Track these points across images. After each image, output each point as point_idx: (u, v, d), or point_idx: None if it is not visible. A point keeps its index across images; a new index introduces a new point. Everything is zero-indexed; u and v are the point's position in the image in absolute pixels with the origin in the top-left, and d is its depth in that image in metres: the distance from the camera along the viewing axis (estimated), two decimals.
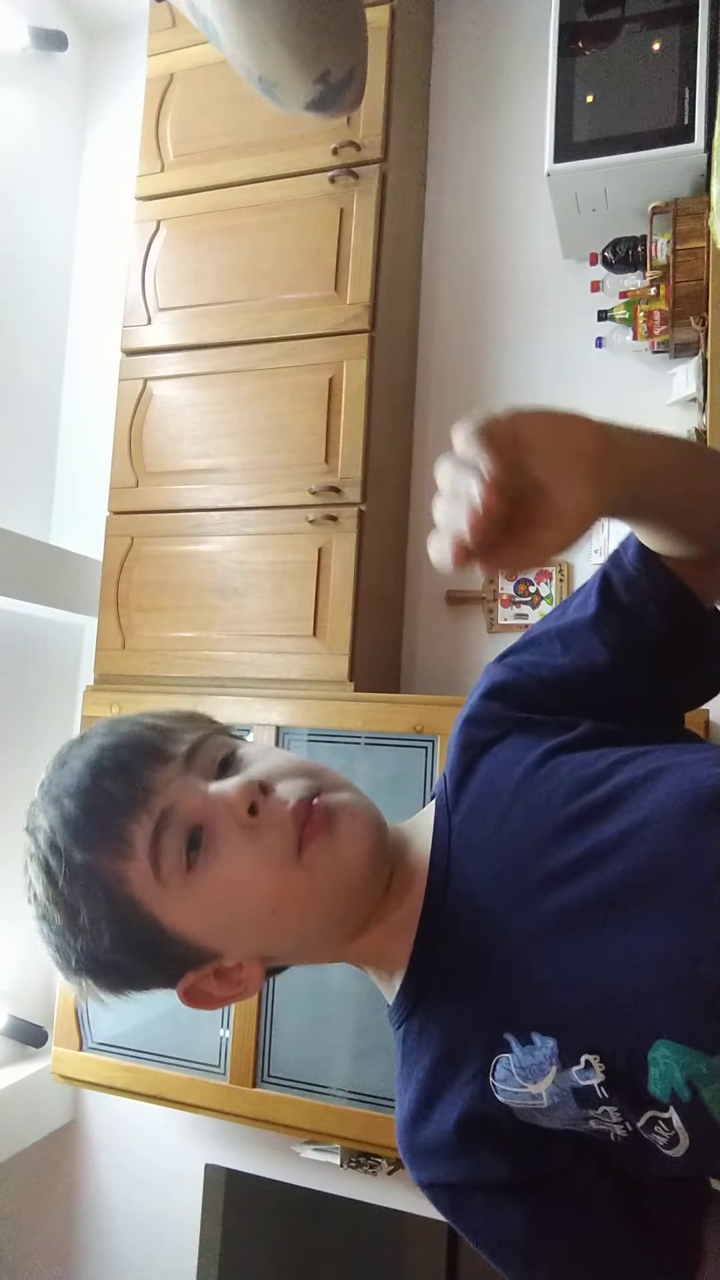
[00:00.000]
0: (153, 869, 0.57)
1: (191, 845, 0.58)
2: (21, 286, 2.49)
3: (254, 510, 1.95)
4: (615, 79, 1.86)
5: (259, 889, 0.58)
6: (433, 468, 1.88)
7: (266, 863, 0.58)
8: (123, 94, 2.61)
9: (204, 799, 0.59)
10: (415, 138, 2.23)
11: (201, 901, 0.59)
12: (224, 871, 0.58)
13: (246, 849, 0.58)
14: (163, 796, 0.58)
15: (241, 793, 0.58)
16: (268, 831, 0.58)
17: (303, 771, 0.62)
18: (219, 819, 0.58)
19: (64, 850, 0.58)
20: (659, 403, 2.01)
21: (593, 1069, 0.53)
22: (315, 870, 0.58)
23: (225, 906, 0.59)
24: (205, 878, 0.58)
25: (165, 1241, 2.22)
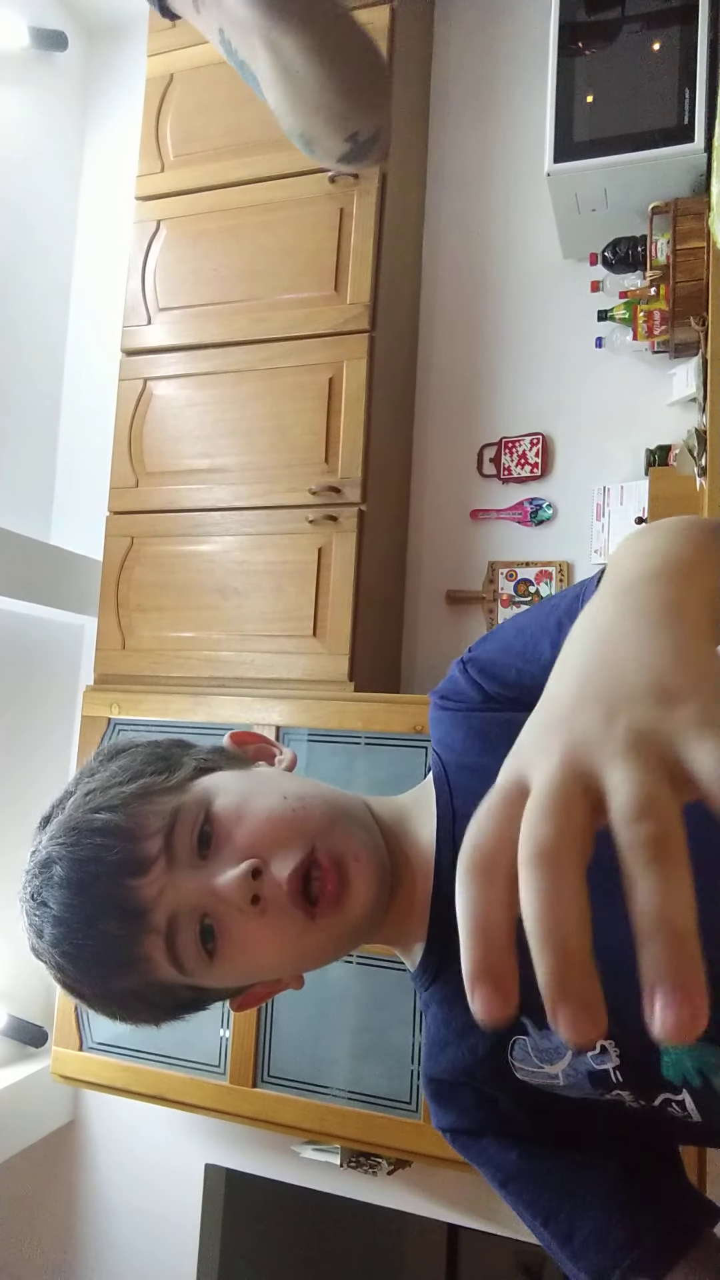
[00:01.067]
0: (178, 970, 0.59)
1: (205, 937, 0.59)
2: (21, 286, 2.49)
3: (254, 510, 1.95)
4: (615, 79, 1.85)
5: (280, 960, 0.61)
6: (433, 468, 1.87)
7: (282, 939, 0.59)
8: (123, 94, 2.61)
9: (200, 891, 0.59)
10: (415, 138, 2.23)
11: (232, 973, 0.61)
12: (245, 952, 0.59)
13: (259, 933, 0.59)
14: (161, 908, 0.58)
15: (238, 891, 0.57)
16: (275, 913, 0.58)
17: (287, 829, 0.60)
18: (224, 912, 0.58)
19: (88, 989, 0.61)
20: (659, 403, 2.01)
21: (608, 1054, 0.55)
22: (330, 927, 0.60)
23: (255, 972, 0.63)
24: (228, 961, 0.60)
25: (165, 1241, 2.22)
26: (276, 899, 0.58)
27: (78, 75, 2.68)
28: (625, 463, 2.04)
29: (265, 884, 0.58)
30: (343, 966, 1.77)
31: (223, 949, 0.59)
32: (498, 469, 2.14)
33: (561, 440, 2.12)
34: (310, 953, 0.61)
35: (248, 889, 0.57)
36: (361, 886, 0.60)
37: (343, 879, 0.59)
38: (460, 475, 2.19)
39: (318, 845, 0.59)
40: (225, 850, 0.59)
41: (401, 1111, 1.69)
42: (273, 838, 0.59)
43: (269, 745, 0.73)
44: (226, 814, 0.60)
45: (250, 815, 0.60)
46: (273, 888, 0.58)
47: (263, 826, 0.60)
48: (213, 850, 0.60)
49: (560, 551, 2.08)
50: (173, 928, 0.58)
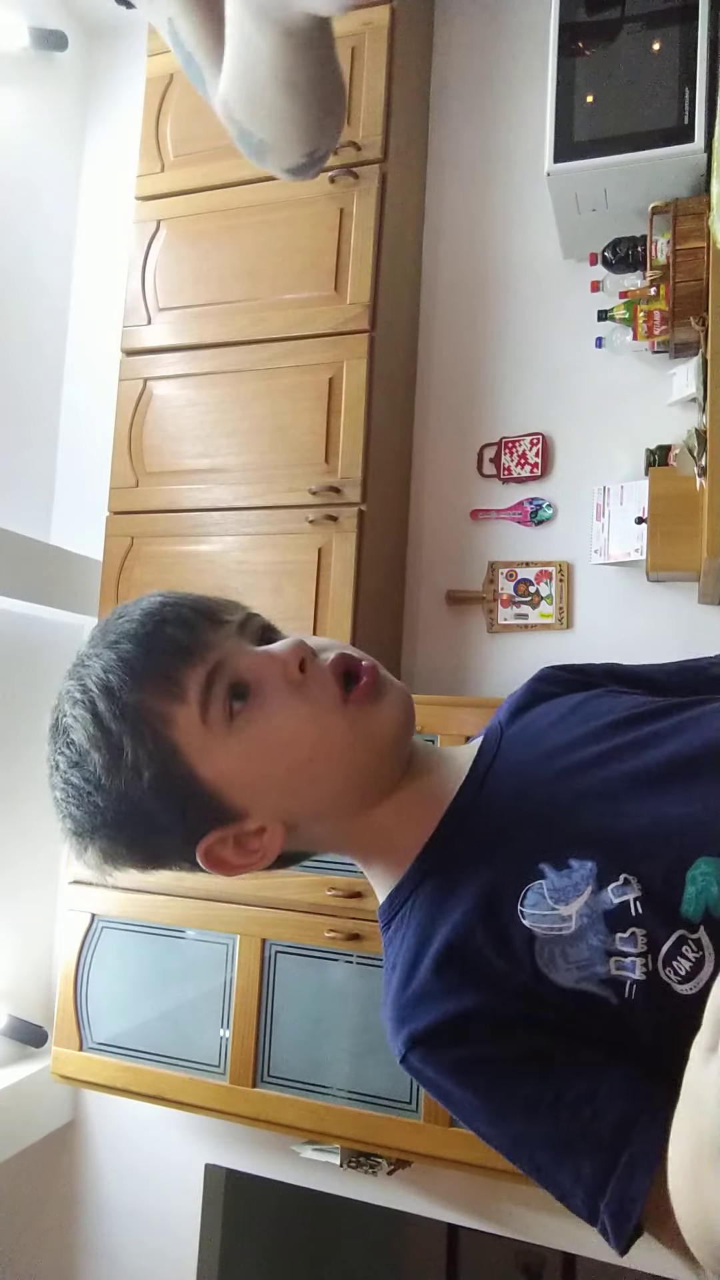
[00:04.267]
0: (201, 714, 0.60)
1: (236, 696, 0.61)
2: (22, 286, 2.49)
3: (254, 510, 1.95)
4: (615, 79, 1.85)
5: (302, 737, 0.62)
6: (433, 468, 1.90)
7: (312, 714, 0.62)
8: (123, 94, 2.61)
9: (254, 658, 0.63)
10: (415, 138, 2.23)
11: (242, 752, 0.61)
12: (269, 724, 0.61)
13: (292, 703, 0.62)
14: (218, 650, 0.62)
15: (293, 651, 0.62)
16: (314, 685, 0.62)
17: (345, 645, 0.67)
18: (268, 676, 0.62)
19: (117, 690, 0.60)
20: (659, 403, 2.01)
21: (630, 885, 0.55)
22: (356, 722, 0.63)
23: (265, 755, 0.62)
24: (249, 729, 0.61)
25: (165, 1241, 2.22)
26: (320, 673, 0.63)
27: (78, 75, 2.68)
28: (625, 463, 2.03)
29: (315, 663, 0.63)
30: (343, 966, 1.77)
31: (249, 713, 0.61)
32: (498, 469, 2.14)
33: (561, 440, 2.12)
34: (331, 736, 0.63)
35: (300, 653, 0.62)
36: (393, 706, 0.64)
37: (382, 685, 0.64)
38: (460, 475, 2.19)
39: (365, 661, 0.65)
40: (290, 638, 0.66)
41: (401, 1111, 1.69)
42: (332, 646, 0.66)
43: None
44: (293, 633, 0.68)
45: (320, 640, 0.67)
46: (320, 666, 0.63)
47: (325, 640, 0.67)
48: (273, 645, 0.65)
49: (560, 551, 2.08)
50: (217, 671, 0.61)
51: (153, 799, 0.61)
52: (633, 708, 0.67)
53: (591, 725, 0.66)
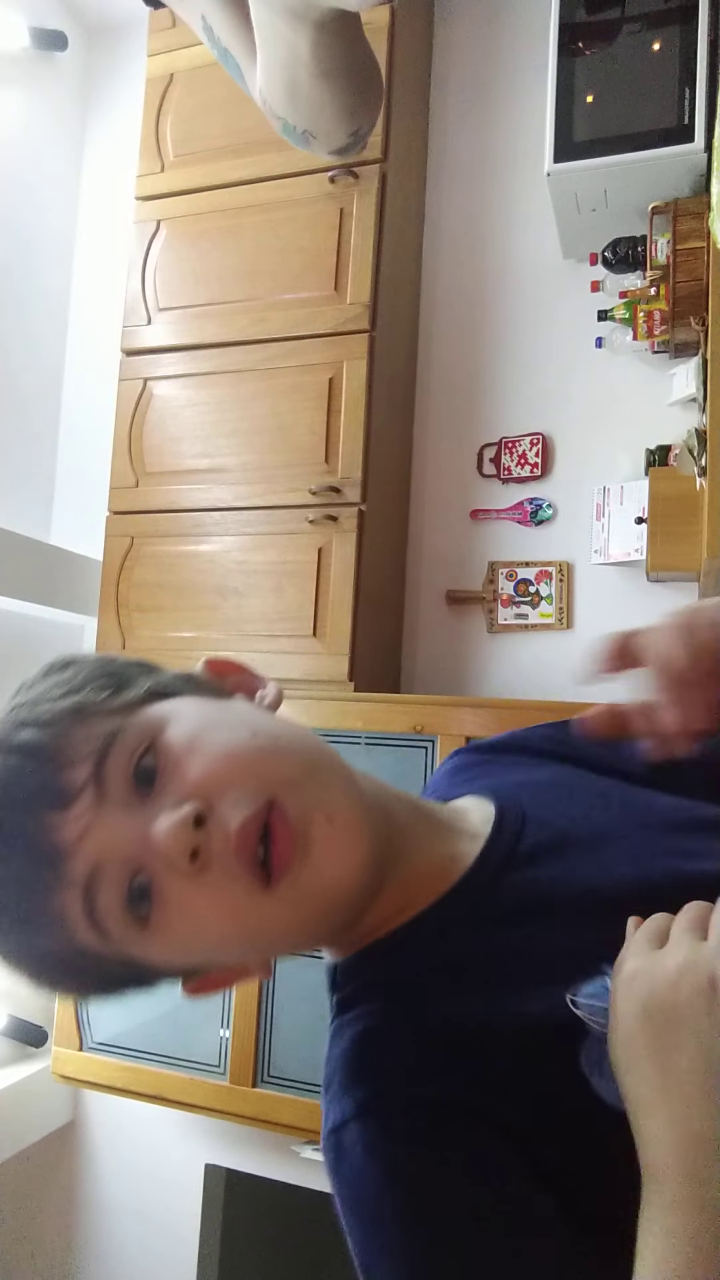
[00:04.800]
0: (100, 937, 0.49)
1: (137, 897, 0.48)
2: (22, 287, 2.49)
3: (254, 510, 1.95)
4: (615, 79, 1.85)
5: (229, 930, 0.50)
6: (433, 468, 1.87)
7: (230, 907, 0.48)
8: (123, 94, 2.61)
9: (133, 839, 0.48)
10: (415, 138, 2.23)
11: (172, 946, 0.50)
12: (184, 921, 0.49)
13: (200, 898, 0.48)
14: (83, 856, 0.48)
15: (174, 842, 0.46)
16: (218, 875, 0.47)
17: (247, 767, 0.49)
18: (157, 870, 0.48)
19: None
20: (659, 403, 2.01)
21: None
22: (291, 900, 0.49)
23: (199, 948, 0.52)
24: (166, 929, 0.49)
25: (165, 1241, 2.22)
26: (221, 855, 0.47)
27: (78, 75, 2.68)
28: (625, 463, 2.03)
29: (210, 835, 0.47)
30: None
31: (158, 916, 0.48)
32: (498, 469, 2.14)
33: (561, 440, 2.12)
34: (265, 930, 0.50)
35: (185, 839, 0.46)
36: (330, 854, 0.49)
37: (302, 839, 0.48)
38: (460, 475, 2.19)
39: (281, 796, 0.48)
40: (169, 790, 0.49)
41: None
42: (226, 779, 0.48)
43: (253, 678, 0.61)
44: (176, 745, 0.50)
45: (204, 748, 0.50)
46: (218, 841, 0.47)
47: (216, 763, 0.49)
48: (156, 789, 0.49)
49: (560, 551, 2.08)
50: (95, 882, 0.48)
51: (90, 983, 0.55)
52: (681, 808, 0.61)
53: (647, 815, 0.59)
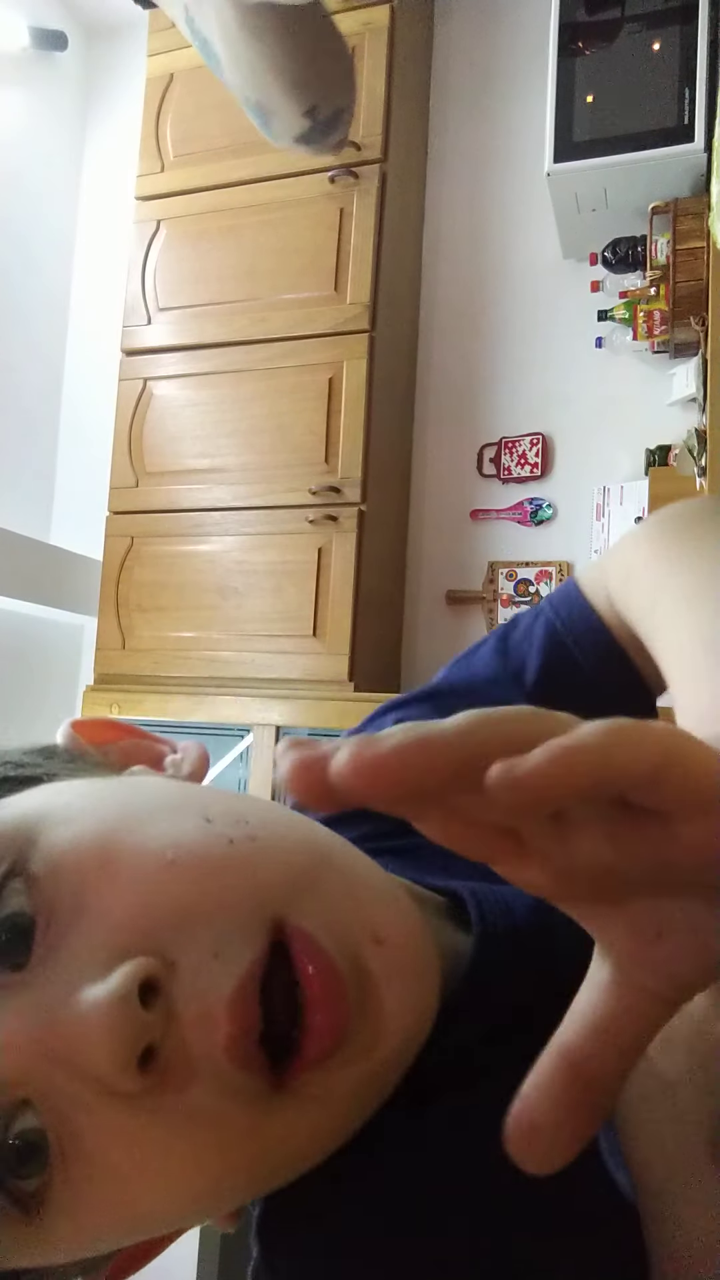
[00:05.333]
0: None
1: (19, 1162, 0.26)
2: (21, 287, 2.49)
3: (254, 510, 1.95)
4: (615, 79, 1.85)
5: (206, 1181, 0.28)
6: (433, 468, 1.84)
7: (216, 1143, 0.27)
8: (123, 94, 2.61)
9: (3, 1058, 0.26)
10: (415, 138, 2.23)
11: (91, 1231, 0.28)
12: (122, 1187, 0.27)
13: (157, 1140, 0.27)
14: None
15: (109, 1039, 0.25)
16: (200, 1090, 0.26)
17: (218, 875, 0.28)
18: (61, 1103, 0.26)
19: None
20: (659, 403, 2.01)
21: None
22: (326, 1097, 0.28)
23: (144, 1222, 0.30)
24: (84, 1209, 0.27)
25: None
26: (202, 1054, 0.26)
27: (78, 75, 2.68)
28: (625, 463, 2.04)
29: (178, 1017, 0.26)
30: None
31: (66, 1188, 0.27)
32: (498, 469, 2.14)
33: (561, 440, 2.12)
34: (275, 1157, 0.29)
35: (131, 1030, 0.25)
36: (398, 996, 0.29)
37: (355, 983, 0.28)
38: (460, 475, 2.19)
39: (292, 914, 0.28)
40: (74, 942, 0.27)
41: None
42: (188, 904, 0.28)
43: (150, 741, 0.40)
44: (73, 860, 0.28)
45: (133, 858, 0.28)
46: (190, 1028, 0.26)
47: (164, 881, 0.28)
48: (41, 946, 0.28)
49: (560, 551, 2.08)
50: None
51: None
52: None
53: None
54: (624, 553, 0.46)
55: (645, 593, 0.42)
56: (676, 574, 0.39)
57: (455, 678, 0.50)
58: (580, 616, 0.47)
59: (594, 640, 0.47)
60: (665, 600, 0.38)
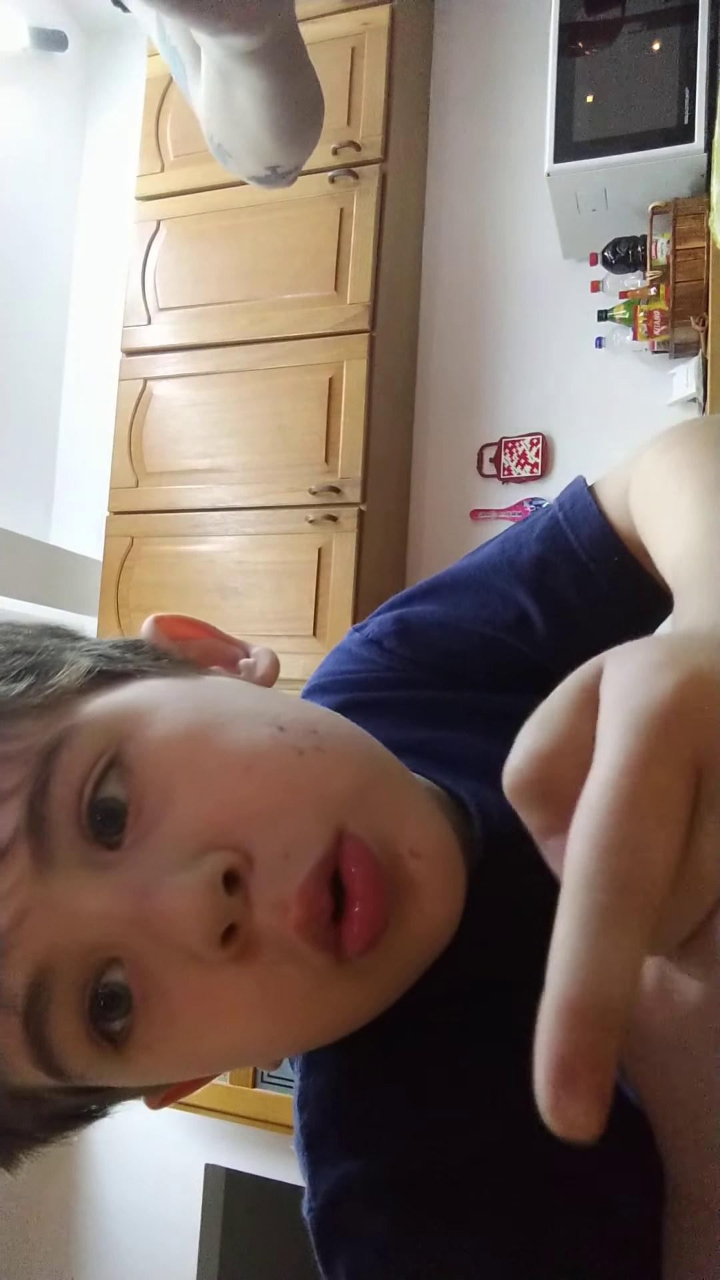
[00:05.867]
0: (50, 1073, 0.32)
1: (107, 1008, 0.31)
2: (21, 287, 2.49)
3: (254, 510, 1.95)
4: (615, 79, 1.85)
5: (273, 1032, 0.34)
6: (433, 468, 1.83)
7: (283, 1003, 0.32)
8: (123, 94, 2.61)
9: (106, 914, 0.31)
10: (415, 138, 2.23)
11: (166, 1064, 0.34)
12: (197, 1031, 0.32)
13: (230, 996, 0.31)
14: (16, 959, 0.30)
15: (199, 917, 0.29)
16: (270, 959, 0.31)
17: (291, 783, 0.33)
18: (158, 958, 0.31)
19: None
20: (659, 403, 2.01)
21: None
22: (373, 974, 0.33)
23: (211, 1059, 0.36)
24: (162, 1046, 0.32)
25: (165, 1241, 2.22)
26: (272, 931, 0.31)
27: (78, 75, 2.68)
28: None
29: (253, 903, 0.31)
30: None
31: (148, 1031, 0.32)
32: (498, 469, 2.14)
33: (561, 440, 2.12)
34: (327, 1020, 0.34)
35: (218, 912, 0.30)
36: (431, 898, 0.33)
37: (395, 885, 0.32)
38: (460, 475, 2.19)
39: (351, 823, 0.32)
40: (163, 833, 0.31)
41: None
42: (263, 806, 0.32)
43: (226, 641, 0.44)
44: (161, 756, 0.32)
45: (216, 761, 0.32)
46: (267, 909, 0.31)
47: (241, 782, 0.32)
48: (131, 831, 0.32)
49: None
50: (42, 997, 0.31)
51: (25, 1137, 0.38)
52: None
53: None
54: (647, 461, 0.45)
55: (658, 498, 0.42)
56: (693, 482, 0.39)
57: (458, 568, 0.51)
58: (583, 510, 0.47)
59: (595, 533, 0.47)
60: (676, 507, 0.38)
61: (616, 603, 0.46)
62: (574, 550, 0.47)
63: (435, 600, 0.50)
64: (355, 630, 0.51)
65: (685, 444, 0.42)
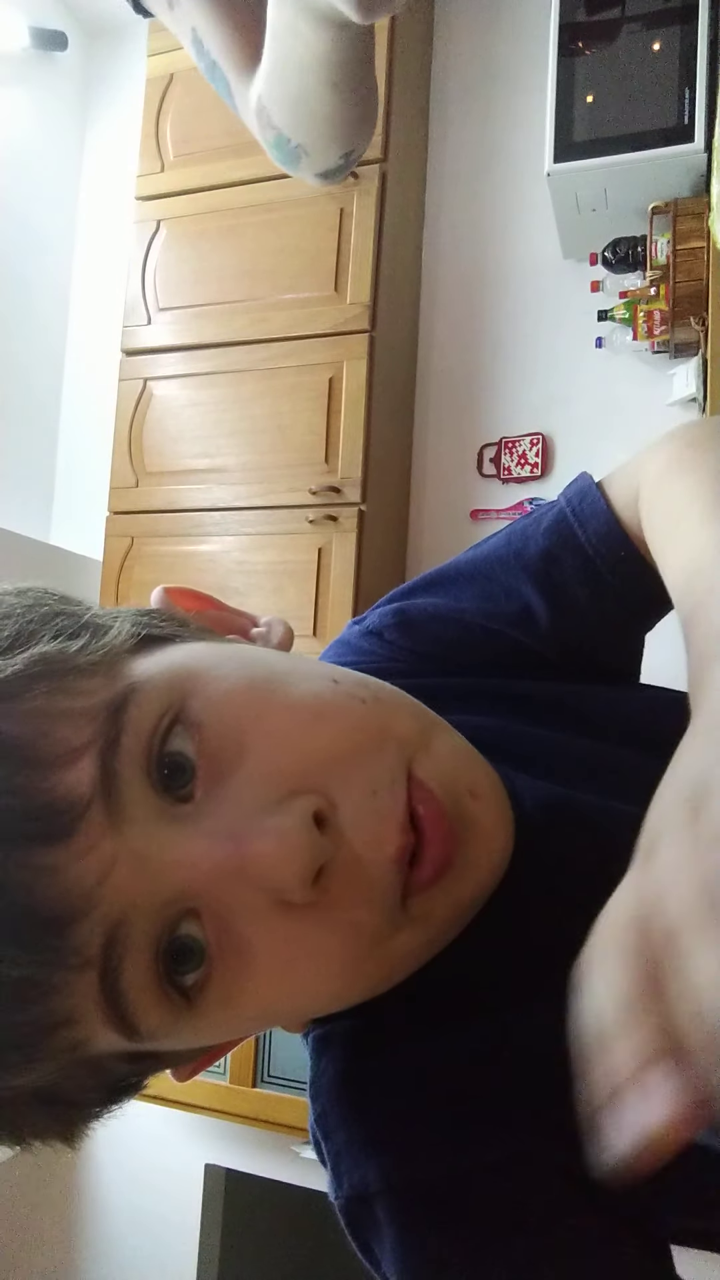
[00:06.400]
0: (125, 1032, 0.32)
1: (179, 961, 0.31)
2: (21, 287, 2.49)
3: (254, 510, 1.95)
4: (615, 79, 1.85)
5: (340, 980, 0.34)
6: (433, 468, 1.83)
7: (359, 945, 0.33)
8: (123, 94, 2.61)
9: (182, 874, 0.31)
10: (415, 138, 2.23)
11: (231, 1022, 0.35)
12: (274, 981, 0.33)
13: (311, 941, 0.32)
14: (97, 914, 0.30)
15: (294, 858, 0.30)
16: (350, 900, 0.32)
17: (363, 728, 0.34)
18: (232, 908, 0.31)
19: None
20: (659, 403, 2.01)
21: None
22: (429, 918, 0.34)
23: (271, 1015, 0.37)
24: (236, 1001, 0.33)
25: (165, 1241, 2.22)
26: (356, 870, 0.32)
27: (78, 75, 2.68)
28: None
29: (344, 843, 0.32)
30: None
31: (224, 981, 0.32)
32: (498, 469, 2.14)
33: (561, 440, 2.12)
34: (383, 969, 0.35)
35: (314, 853, 0.31)
36: (487, 840, 0.35)
37: (461, 825, 0.34)
38: (460, 475, 2.19)
39: (416, 765, 0.34)
40: (235, 781, 0.32)
41: None
42: (340, 750, 0.33)
43: (236, 612, 0.45)
44: (232, 711, 0.33)
45: (285, 711, 0.33)
46: (357, 848, 0.32)
47: (316, 731, 0.33)
48: (202, 784, 0.32)
49: None
50: (113, 952, 0.30)
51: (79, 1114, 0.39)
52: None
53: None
54: (656, 472, 0.45)
55: (669, 503, 0.42)
56: (702, 490, 0.39)
57: (461, 561, 0.52)
58: (592, 506, 0.48)
59: (603, 529, 0.47)
60: (688, 515, 0.39)
61: (621, 598, 0.47)
62: (581, 545, 0.47)
63: (437, 593, 0.51)
64: (354, 623, 0.52)
65: (698, 469, 0.41)
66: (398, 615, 0.50)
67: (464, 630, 0.49)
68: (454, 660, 0.49)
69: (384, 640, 0.50)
